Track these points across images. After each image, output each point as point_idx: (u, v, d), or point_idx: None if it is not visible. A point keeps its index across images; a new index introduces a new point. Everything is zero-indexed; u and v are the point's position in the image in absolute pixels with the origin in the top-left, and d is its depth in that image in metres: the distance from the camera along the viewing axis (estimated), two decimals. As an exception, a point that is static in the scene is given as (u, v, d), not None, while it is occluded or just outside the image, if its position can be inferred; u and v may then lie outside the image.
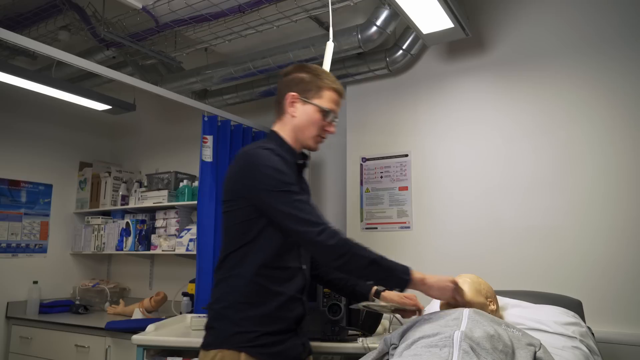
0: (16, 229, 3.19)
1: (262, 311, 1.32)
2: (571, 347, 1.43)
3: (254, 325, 1.31)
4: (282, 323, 1.35)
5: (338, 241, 1.27)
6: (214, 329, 1.35)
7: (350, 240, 1.31)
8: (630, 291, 1.91)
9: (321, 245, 1.27)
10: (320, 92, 1.44)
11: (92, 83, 3.16)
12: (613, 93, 2.04)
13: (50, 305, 3.16)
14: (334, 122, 1.46)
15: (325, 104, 1.43)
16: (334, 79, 1.47)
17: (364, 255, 1.29)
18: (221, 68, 2.74)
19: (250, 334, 1.30)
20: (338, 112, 1.48)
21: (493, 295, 1.59)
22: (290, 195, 1.30)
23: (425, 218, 2.44)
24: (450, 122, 2.43)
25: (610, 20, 2.08)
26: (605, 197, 2.00)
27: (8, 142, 3.19)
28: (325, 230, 1.27)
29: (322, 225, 1.28)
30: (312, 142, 1.46)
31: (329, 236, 1.27)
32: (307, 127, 1.43)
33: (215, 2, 2.22)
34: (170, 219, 3.13)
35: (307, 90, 1.43)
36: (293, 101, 1.43)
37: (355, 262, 1.28)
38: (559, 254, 2.07)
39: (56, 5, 2.46)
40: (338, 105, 1.48)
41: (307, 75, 1.45)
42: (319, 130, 1.44)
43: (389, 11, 2.25)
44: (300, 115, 1.43)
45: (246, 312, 1.32)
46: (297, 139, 1.45)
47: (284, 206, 1.29)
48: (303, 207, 1.30)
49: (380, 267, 1.31)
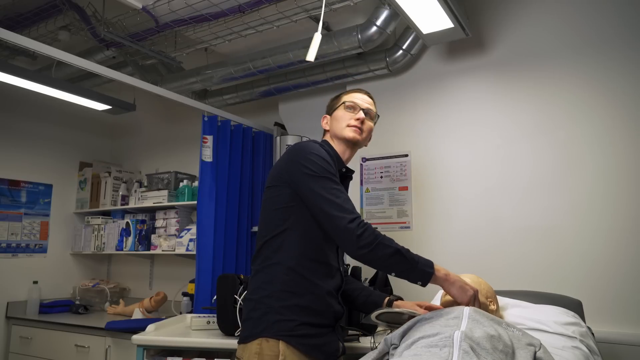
0: (16, 229, 3.19)
1: (304, 301, 1.34)
2: (571, 347, 1.43)
3: (295, 314, 1.32)
4: (322, 316, 1.37)
5: (366, 230, 1.30)
6: (252, 319, 1.35)
7: (378, 232, 1.34)
8: (630, 291, 1.91)
9: (350, 233, 1.29)
10: (339, 100, 1.62)
11: (92, 83, 3.16)
12: (613, 93, 2.04)
13: (50, 305, 3.16)
14: (360, 113, 1.57)
15: (344, 99, 1.60)
16: (352, 88, 1.67)
17: (389, 245, 1.31)
18: (221, 68, 2.74)
19: (291, 322, 1.31)
20: (364, 106, 1.58)
21: (493, 295, 1.59)
22: (330, 182, 1.37)
23: (425, 218, 2.44)
24: (450, 122, 2.43)
25: (610, 20, 2.08)
26: (605, 197, 2.01)
27: (8, 142, 3.19)
28: (356, 219, 1.31)
29: (355, 214, 1.32)
30: (348, 131, 1.55)
31: (359, 225, 1.30)
32: (338, 123, 1.57)
33: (215, 2, 2.22)
34: (170, 219, 3.13)
35: (332, 107, 1.64)
36: (325, 119, 1.65)
37: (380, 250, 1.30)
38: (559, 253, 2.07)
39: (56, 5, 2.46)
40: (358, 98, 1.60)
41: (334, 98, 1.66)
42: (347, 120, 1.55)
43: (389, 11, 2.25)
44: (331, 123, 1.61)
45: (288, 300, 1.33)
46: (339, 144, 1.58)
47: (322, 190, 1.34)
48: (340, 195, 1.36)
49: (405, 258, 1.32)
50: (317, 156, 1.40)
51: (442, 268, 1.36)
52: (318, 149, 1.43)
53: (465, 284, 1.37)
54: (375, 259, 1.33)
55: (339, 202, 1.34)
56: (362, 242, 1.29)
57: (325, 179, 1.37)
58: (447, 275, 1.36)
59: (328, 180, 1.37)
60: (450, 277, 1.36)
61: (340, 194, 1.37)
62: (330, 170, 1.39)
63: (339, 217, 1.31)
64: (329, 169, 1.39)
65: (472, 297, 1.35)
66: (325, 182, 1.36)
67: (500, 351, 1.18)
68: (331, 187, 1.36)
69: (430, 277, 1.33)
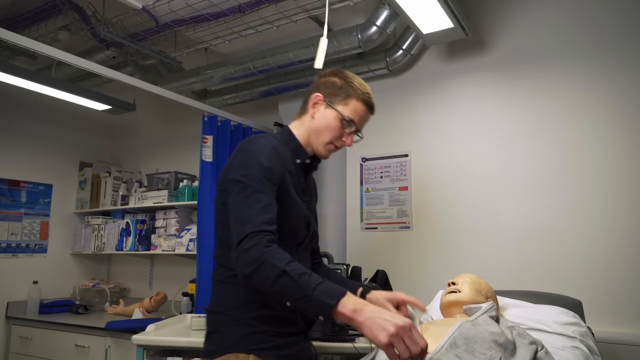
0: (16, 229, 3.19)
1: (274, 310, 1.22)
2: (571, 347, 1.43)
3: (267, 324, 1.21)
4: (294, 324, 1.27)
5: (255, 246, 1.06)
6: (219, 332, 1.23)
7: (275, 249, 1.06)
8: (630, 291, 1.91)
9: (236, 250, 1.08)
10: (347, 100, 1.34)
11: (92, 83, 3.16)
12: (613, 93, 2.04)
13: (50, 305, 3.16)
14: (352, 135, 1.37)
15: (348, 112, 1.33)
16: (367, 91, 1.37)
17: (276, 265, 1.02)
18: (221, 68, 2.74)
19: (262, 334, 1.20)
20: (362, 127, 1.39)
21: (493, 295, 1.59)
22: (253, 191, 1.15)
23: (425, 218, 2.44)
24: (450, 122, 2.43)
25: (610, 20, 2.08)
26: (605, 197, 2.00)
27: (8, 142, 3.19)
28: (253, 235, 1.07)
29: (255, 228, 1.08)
30: (323, 150, 1.37)
31: (249, 240, 1.07)
32: (323, 132, 1.34)
33: (215, 2, 2.22)
34: (170, 219, 3.13)
35: (334, 94, 1.35)
36: (316, 102, 1.36)
37: (265, 271, 1.03)
38: (559, 253, 2.07)
39: (56, 5, 2.46)
40: (363, 119, 1.37)
41: (340, 80, 1.36)
42: (334, 138, 1.35)
43: (389, 11, 2.25)
44: (319, 118, 1.35)
45: (258, 311, 1.21)
46: (309, 142, 1.37)
47: (239, 200, 1.15)
48: (254, 205, 1.13)
49: (293, 283, 1.01)
50: (256, 162, 1.19)
51: (355, 301, 0.99)
52: (260, 152, 1.21)
53: (384, 320, 0.94)
54: (259, 283, 1.05)
55: (247, 214, 1.11)
56: (244, 260, 1.05)
57: (249, 187, 1.15)
58: (356, 311, 0.97)
59: (252, 188, 1.15)
60: (361, 313, 0.96)
61: (256, 202, 1.13)
62: (264, 178, 1.17)
63: (237, 232, 1.10)
64: (262, 176, 1.17)
65: (395, 336, 0.91)
66: (247, 191, 1.15)
67: (500, 345, 1.19)
68: (250, 195, 1.14)
69: (330, 311, 0.98)
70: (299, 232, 1.32)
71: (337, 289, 1.00)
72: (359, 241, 2.61)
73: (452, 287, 1.55)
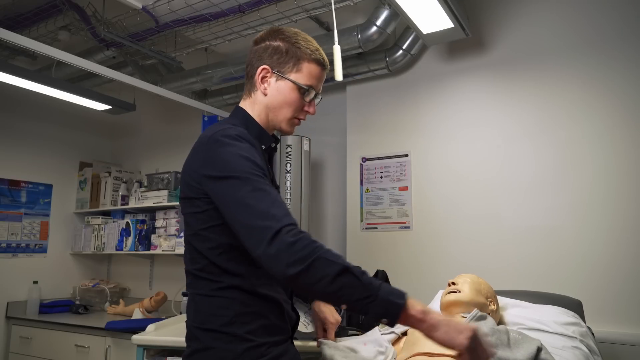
0: (16, 229, 3.19)
1: (267, 320, 1.14)
2: (571, 347, 1.43)
3: (262, 336, 1.12)
4: (283, 331, 1.20)
5: (299, 240, 0.92)
6: (213, 349, 1.10)
7: (320, 244, 0.94)
8: (630, 291, 1.91)
9: (275, 245, 0.92)
10: (299, 65, 1.18)
11: (92, 83, 3.16)
12: (613, 93, 2.04)
13: (50, 305, 3.16)
14: (314, 101, 1.21)
15: (304, 79, 1.17)
16: (315, 47, 1.20)
17: (334, 261, 0.91)
18: (221, 68, 2.74)
19: (260, 347, 1.11)
20: (321, 87, 1.22)
21: (493, 295, 1.59)
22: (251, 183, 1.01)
23: (425, 218, 2.44)
24: (450, 122, 2.43)
25: (611, 19, 2.08)
26: (606, 197, 2.00)
27: (8, 142, 3.19)
28: (287, 227, 0.93)
29: (285, 222, 0.94)
30: (287, 125, 1.21)
31: (288, 234, 0.93)
32: (282, 108, 1.19)
33: (215, 2, 2.22)
34: (170, 219, 3.13)
35: (282, 62, 1.18)
36: (265, 76, 1.19)
37: (321, 269, 0.90)
38: (559, 254, 2.07)
39: (56, 5, 2.46)
40: (321, 79, 1.21)
41: (284, 43, 1.18)
42: (296, 111, 1.20)
43: (389, 11, 2.25)
44: (272, 94, 1.19)
45: (251, 323, 1.11)
46: (268, 120, 1.22)
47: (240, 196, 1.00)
48: (265, 198, 0.99)
49: (358, 281, 0.91)
50: (233, 152, 1.04)
51: (418, 303, 0.93)
52: (233, 140, 1.07)
53: (458, 323, 0.92)
54: (310, 283, 0.91)
55: (263, 207, 0.96)
56: (290, 258, 0.90)
57: (249, 181, 1.00)
58: (426, 313, 0.91)
59: (248, 180, 1.01)
60: (431, 315, 0.91)
61: (266, 195, 0.99)
62: (249, 165, 1.03)
63: (259, 228, 0.94)
64: (246, 164, 1.03)
65: (473, 340, 0.90)
66: (249, 184, 1.00)
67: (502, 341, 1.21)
68: (255, 189, 0.99)
69: (400, 311, 0.91)
70: None
71: (399, 290, 0.93)
72: (358, 241, 2.61)
73: (452, 287, 1.55)
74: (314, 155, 2.84)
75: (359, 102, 2.73)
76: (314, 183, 2.87)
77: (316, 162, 2.91)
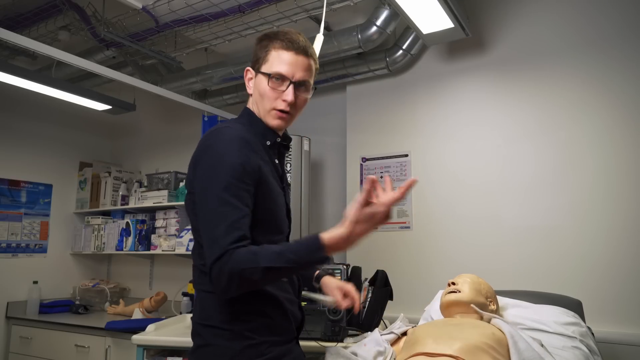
0: (16, 229, 3.19)
1: (270, 319, 1.15)
2: (571, 347, 1.43)
3: (262, 335, 1.13)
4: (287, 331, 1.20)
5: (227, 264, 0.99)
6: (213, 346, 1.13)
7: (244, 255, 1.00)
8: (630, 291, 1.91)
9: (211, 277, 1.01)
10: (267, 55, 1.18)
11: (92, 83, 3.16)
12: (613, 93, 2.04)
13: (50, 305, 3.16)
14: (291, 88, 1.16)
15: (273, 67, 1.16)
16: (285, 32, 1.18)
17: (255, 267, 0.98)
18: (221, 68, 2.74)
19: (260, 346, 1.12)
20: (300, 73, 1.17)
21: (493, 295, 1.59)
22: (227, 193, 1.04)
23: (425, 218, 2.44)
24: (450, 122, 2.43)
25: (611, 19, 2.08)
26: (605, 197, 2.00)
27: (8, 142, 3.19)
28: (220, 258, 0.99)
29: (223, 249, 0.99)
30: (271, 120, 1.20)
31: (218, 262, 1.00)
32: (261, 101, 1.20)
33: (215, 2, 2.22)
34: (170, 219, 3.13)
35: (257, 60, 1.20)
36: (250, 77, 1.23)
37: (247, 280, 0.99)
38: (559, 254, 2.07)
39: (56, 5, 2.46)
40: (294, 64, 1.16)
41: (258, 43, 1.21)
42: (271, 101, 1.17)
43: (389, 11, 2.25)
44: (254, 92, 1.22)
45: (252, 321, 1.13)
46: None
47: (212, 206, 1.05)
48: (229, 214, 1.03)
49: (279, 270, 1.01)
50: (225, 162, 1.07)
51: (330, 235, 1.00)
52: (227, 151, 1.08)
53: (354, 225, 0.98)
54: (248, 288, 1.06)
55: (216, 233, 1.02)
56: (221, 286, 1.01)
57: (217, 197, 1.04)
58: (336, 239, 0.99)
59: (221, 198, 1.04)
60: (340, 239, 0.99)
61: (229, 212, 1.03)
62: (235, 179, 1.05)
63: (208, 253, 1.02)
64: (234, 179, 1.05)
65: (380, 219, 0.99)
66: (215, 201, 1.04)
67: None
68: (219, 206, 1.04)
69: (324, 258, 1.01)
70: (284, 224, 1.24)
71: (312, 240, 1.01)
72: (359, 241, 2.60)
73: (452, 287, 1.55)
74: (314, 155, 2.84)
75: (359, 102, 2.73)
76: (314, 183, 2.87)
77: (316, 162, 2.91)
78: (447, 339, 1.27)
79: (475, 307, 1.47)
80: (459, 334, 1.28)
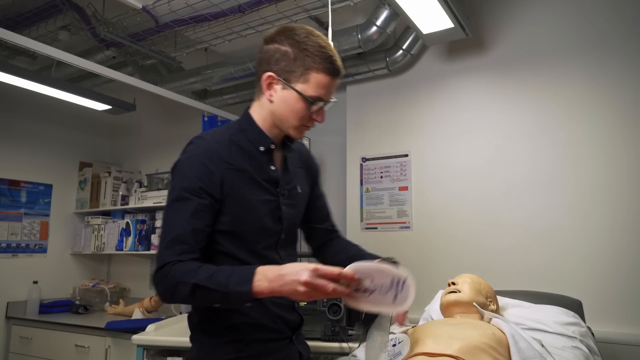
0: (16, 229, 3.19)
1: (247, 317, 1.14)
2: (571, 347, 1.43)
3: (238, 333, 1.15)
4: (274, 330, 1.19)
5: (168, 274, 1.02)
6: (196, 342, 1.21)
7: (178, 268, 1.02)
8: (630, 291, 1.91)
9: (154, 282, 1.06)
10: (307, 75, 1.10)
11: (92, 83, 3.16)
12: (613, 92, 2.04)
13: (50, 305, 3.16)
14: (323, 109, 1.16)
15: (311, 90, 1.11)
16: (328, 54, 1.11)
17: (187, 282, 1.00)
18: (221, 68, 2.74)
19: (235, 343, 1.14)
20: (331, 94, 1.16)
21: (493, 295, 1.59)
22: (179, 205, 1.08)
23: (425, 218, 2.44)
24: (450, 122, 2.42)
25: (611, 19, 2.08)
26: (605, 197, 2.00)
27: (8, 142, 3.19)
28: (163, 267, 1.03)
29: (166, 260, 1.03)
30: (295, 132, 1.19)
31: (161, 271, 1.03)
32: (288, 117, 1.15)
33: (215, 2, 2.22)
34: (170, 219, 3.12)
35: (289, 70, 1.11)
36: (271, 82, 1.14)
37: (181, 291, 1.01)
38: (559, 253, 2.07)
39: (56, 5, 2.46)
40: (330, 89, 1.14)
41: (292, 49, 1.11)
42: (303, 120, 1.15)
43: (389, 11, 2.25)
44: (278, 102, 1.14)
45: (227, 320, 1.15)
46: (274, 125, 1.19)
47: (165, 217, 1.11)
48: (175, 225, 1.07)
49: (207, 289, 0.99)
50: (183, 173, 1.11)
51: (269, 274, 0.97)
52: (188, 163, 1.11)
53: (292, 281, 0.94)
54: (180, 301, 1.13)
55: (163, 242, 1.06)
56: (162, 289, 1.04)
57: (172, 206, 1.09)
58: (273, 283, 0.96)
59: (175, 207, 1.09)
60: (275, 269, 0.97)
61: (178, 225, 1.06)
62: (190, 194, 1.07)
63: (160, 254, 1.06)
64: (189, 191, 1.07)
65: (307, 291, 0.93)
66: (171, 209, 1.09)
67: None
68: (171, 216, 1.09)
69: (249, 297, 0.96)
70: (268, 230, 1.19)
71: (246, 272, 0.98)
72: (359, 241, 2.55)
73: (452, 287, 1.55)
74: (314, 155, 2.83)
75: (358, 102, 2.73)
76: (314, 183, 2.86)
77: (316, 162, 2.91)
78: (447, 339, 1.27)
79: (477, 305, 1.46)
80: (459, 334, 1.28)
